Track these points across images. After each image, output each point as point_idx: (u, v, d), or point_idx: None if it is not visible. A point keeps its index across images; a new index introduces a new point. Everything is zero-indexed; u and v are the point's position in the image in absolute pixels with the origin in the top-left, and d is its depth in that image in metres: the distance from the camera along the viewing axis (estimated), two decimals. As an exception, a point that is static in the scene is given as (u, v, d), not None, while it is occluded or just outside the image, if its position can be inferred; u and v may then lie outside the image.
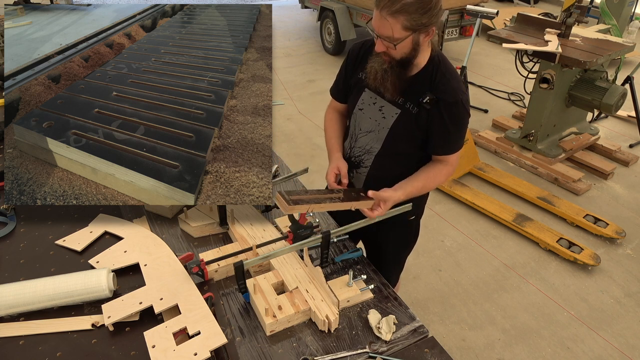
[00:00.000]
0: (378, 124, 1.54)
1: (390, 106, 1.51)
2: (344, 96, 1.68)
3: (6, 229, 1.66)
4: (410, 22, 1.29)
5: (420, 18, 1.29)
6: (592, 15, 6.03)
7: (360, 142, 1.62)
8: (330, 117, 1.75)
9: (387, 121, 1.52)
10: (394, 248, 1.84)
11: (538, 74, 3.67)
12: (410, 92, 1.46)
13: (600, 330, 2.51)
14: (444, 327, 2.52)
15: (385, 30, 1.32)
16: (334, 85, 1.71)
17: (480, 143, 4.14)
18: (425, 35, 1.35)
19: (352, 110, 1.62)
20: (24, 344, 1.26)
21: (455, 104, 1.43)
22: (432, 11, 1.30)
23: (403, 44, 1.34)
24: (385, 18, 1.30)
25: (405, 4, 1.26)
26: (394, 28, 1.30)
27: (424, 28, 1.32)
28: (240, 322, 1.32)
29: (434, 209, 3.41)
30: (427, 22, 1.31)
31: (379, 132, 1.55)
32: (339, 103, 1.72)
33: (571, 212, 3.24)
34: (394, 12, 1.28)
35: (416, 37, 1.34)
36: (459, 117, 1.46)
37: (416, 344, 1.26)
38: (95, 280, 1.35)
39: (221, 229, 1.65)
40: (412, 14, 1.28)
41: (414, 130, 1.49)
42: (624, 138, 4.30)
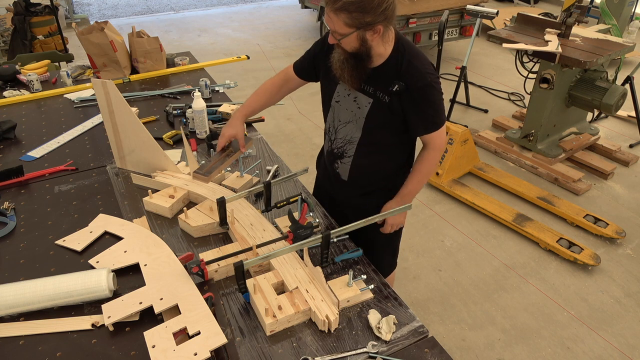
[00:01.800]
0: (355, 114, 1.61)
1: (363, 96, 1.57)
2: (305, 73, 1.76)
3: (6, 229, 1.66)
4: (351, 20, 1.35)
5: (362, 17, 1.35)
6: (592, 15, 6.04)
7: (340, 133, 1.69)
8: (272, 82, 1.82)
9: (362, 111, 1.59)
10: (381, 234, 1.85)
11: (538, 74, 3.67)
12: (380, 81, 1.52)
13: (600, 330, 2.51)
14: (444, 327, 2.52)
15: (330, 25, 1.40)
16: (300, 60, 1.77)
17: (480, 143, 4.14)
18: (373, 33, 1.39)
19: (328, 103, 1.70)
20: (24, 344, 1.26)
21: (424, 87, 1.48)
22: (375, 10, 1.34)
23: (348, 39, 1.40)
24: (328, 14, 1.38)
25: (346, 2, 1.33)
26: (337, 24, 1.38)
27: (369, 26, 1.37)
28: (240, 322, 1.32)
29: (434, 209, 3.41)
30: (371, 20, 1.36)
31: (357, 122, 1.62)
32: (294, 73, 1.78)
33: (571, 212, 3.24)
34: (335, 10, 1.35)
35: (361, 34, 1.39)
36: (431, 98, 1.51)
37: (416, 344, 1.26)
38: (95, 280, 1.35)
39: (221, 229, 1.65)
40: (353, 12, 1.34)
41: (389, 118, 1.56)
42: (624, 138, 4.30)
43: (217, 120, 2.40)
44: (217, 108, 2.45)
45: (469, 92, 4.85)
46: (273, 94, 1.82)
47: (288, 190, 1.91)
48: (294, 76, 1.79)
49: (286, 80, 1.81)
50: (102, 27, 2.87)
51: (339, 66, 1.51)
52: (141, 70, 2.97)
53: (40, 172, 1.98)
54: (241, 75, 5.56)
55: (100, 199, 1.83)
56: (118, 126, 1.90)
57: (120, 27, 6.59)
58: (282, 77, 1.82)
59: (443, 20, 3.40)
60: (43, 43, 4.91)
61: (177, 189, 1.79)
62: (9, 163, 2.03)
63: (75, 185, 1.92)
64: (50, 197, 1.84)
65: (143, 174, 1.93)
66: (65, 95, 2.70)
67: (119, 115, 1.86)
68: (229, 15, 8.27)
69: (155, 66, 2.98)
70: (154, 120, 2.43)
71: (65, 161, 2.07)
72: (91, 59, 2.92)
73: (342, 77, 1.53)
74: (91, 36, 2.81)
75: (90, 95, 2.66)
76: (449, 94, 4.51)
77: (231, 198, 1.66)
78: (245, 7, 8.88)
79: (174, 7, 8.95)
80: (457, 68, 4.34)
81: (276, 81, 1.82)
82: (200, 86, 2.60)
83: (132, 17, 8.26)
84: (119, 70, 2.94)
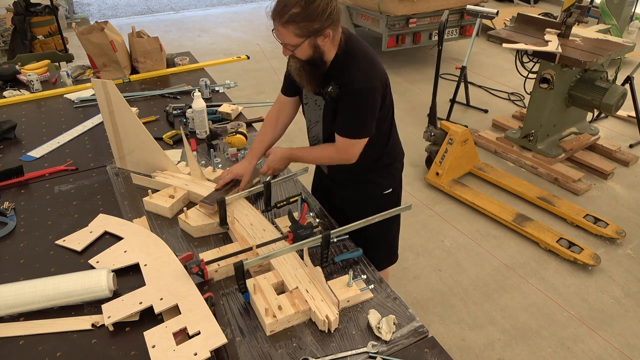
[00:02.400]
0: (318, 115, 1.70)
1: (319, 98, 1.65)
2: (290, 90, 1.78)
3: (6, 229, 1.66)
4: (301, 30, 1.40)
5: (310, 25, 1.39)
6: (592, 15, 6.03)
7: (312, 132, 1.79)
8: (269, 117, 1.86)
9: (320, 112, 1.67)
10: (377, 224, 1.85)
11: (538, 74, 3.67)
12: (325, 83, 1.56)
13: (600, 330, 2.51)
14: (444, 327, 2.52)
15: (281, 38, 1.45)
16: (283, 81, 1.81)
17: (480, 143, 4.14)
18: (324, 38, 1.43)
19: (302, 107, 1.79)
20: (24, 344, 1.26)
21: (352, 91, 1.51)
22: (321, 17, 1.38)
23: (301, 49, 1.44)
24: (277, 29, 1.42)
25: (292, 14, 1.37)
26: (287, 37, 1.43)
27: (318, 32, 1.41)
28: (240, 322, 1.32)
29: (434, 209, 3.41)
30: (319, 27, 1.40)
31: (320, 122, 1.71)
32: (285, 96, 1.81)
33: (571, 212, 3.24)
34: (283, 23, 1.40)
35: (312, 40, 1.43)
36: (354, 103, 1.53)
37: (416, 344, 1.26)
38: (95, 280, 1.35)
39: (221, 229, 1.65)
40: (300, 23, 1.38)
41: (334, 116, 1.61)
42: (624, 138, 4.30)
43: (217, 120, 2.40)
44: (217, 108, 2.45)
45: (469, 92, 4.85)
46: (275, 126, 1.84)
47: (288, 190, 1.91)
48: (285, 99, 1.81)
49: (280, 107, 1.83)
50: (102, 27, 2.87)
51: (297, 74, 1.55)
52: (141, 70, 2.97)
53: (40, 172, 1.98)
54: (241, 75, 5.56)
55: (100, 199, 1.83)
56: (118, 126, 1.90)
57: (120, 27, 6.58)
58: (277, 107, 1.84)
59: (443, 20, 3.40)
60: (43, 43, 4.91)
61: (177, 189, 1.79)
62: (9, 163, 2.03)
63: (75, 185, 1.92)
64: (50, 197, 1.84)
65: (143, 174, 1.93)
66: (65, 95, 2.70)
67: (119, 115, 1.86)
68: (229, 15, 8.27)
69: (155, 66, 2.99)
70: (154, 120, 2.43)
71: (65, 161, 2.07)
72: (91, 59, 2.93)
73: (301, 84, 1.58)
74: (91, 36, 2.81)
75: (90, 95, 2.66)
76: (449, 94, 4.51)
77: (231, 198, 1.66)
78: (245, 7, 8.88)
79: (174, 7, 8.95)
80: (457, 68, 4.34)
81: (272, 114, 1.85)
82: (200, 86, 2.60)
83: (132, 17, 8.26)
84: (119, 70, 2.94)
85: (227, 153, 2.13)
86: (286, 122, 1.85)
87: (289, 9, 1.36)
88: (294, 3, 1.36)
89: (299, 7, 1.36)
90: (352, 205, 1.85)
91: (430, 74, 5.08)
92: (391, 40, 5.24)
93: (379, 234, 1.93)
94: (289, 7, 1.36)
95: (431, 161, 3.68)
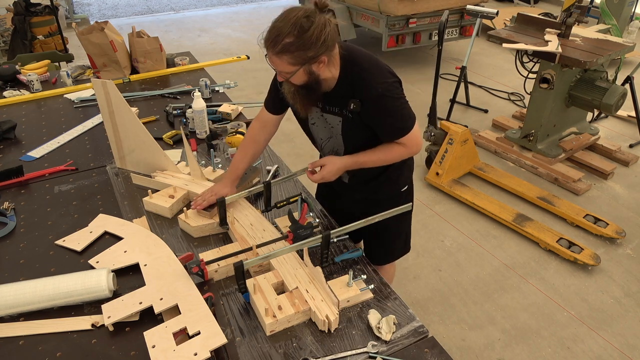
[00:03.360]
0: (331, 131, 1.66)
1: (332, 117, 1.60)
2: (278, 107, 1.73)
3: (6, 229, 1.66)
4: (295, 59, 1.37)
5: (305, 53, 1.36)
6: (592, 15, 6.03)
7: (327, 148, 1.73)
8: (250, 136, 1.79)
9: (337, 128, 1.62)
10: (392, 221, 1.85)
11: (538, 74, 3.67)
12: (339, 101, 1.54)
13: (600, 330, 2.51)
14: (444, 327, 2.52)
15: (275, 66, 1.42)
16: (268, 97, 1.74)
17: (480, 143, 4.14)
18: (319, 64, 1.41)
19: (307, 126, 1.72)
20: (24, 344, 1.26)
21: (377, 98, 1.48)
22: (315, 45, 1.35)
23: (296, 75, 1.41)
24: (271, 58, 1.39)
25: (285, 44, 1.33)
26: (281, 66, 1.40)
27: (312, 60, 1.38)
28: (240, 322, 1.32)
29: (434, 209, 3.41)
30: (314, 54, 1.37)
31: (337, 137, 1.65)
32: (270, 114, 1.75)
33: (571, 212, 3.24)
34: (277, 53, 1.36)
35: (307, 68, 1.40)
36: (387, 108, 1.51)
37: (416, 344, 1.26)
38: (95, 280, 1.35)
39: (221, 229, 1.65)
40: (294, 52, 1.35)
41: (362, 128, 1.57)
42: (624, 138, 4.30)
43: (217, 120, 2.40)
44: (217, 108, 2.45)
45: (469, 92, 4.85)
46: (256, 145, 1.78)
47: (288, 190, 1.91)
48: (270, 117, 1.75)
49: (262, 125, 1.77)
50: (102, 27, 2.87)
51: (290, 97, 1.51)
52: (141, 70, 2.97)
53: (40, 172, 1.98)
54: (241, 75, 5.56)
55: (100, 199, 1.83)
56: (118, 126, 1.90)
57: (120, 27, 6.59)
58: (258, 125, 1.78)
59: (443, 20, 3.40)
60: (43, 43, 4.91)
61: (177, 189, 1.79)
62: (9, 163, 2.03)
63: (75, 185, 1.92)
64: (50, 197, 1.84)
65: (143, 174, 1.93)
66: (65, 95, 2.70)
67: (119, 115, 1.86)
68: (229, 15, 8.27)
69: (155, 66, 2.99)
70: (154, 120, 2.43)
71: (65, 161, 2.07)
72: (91, 59, 2.93)
73: (294, 105, 1.54)
74: (91, 36, 2.81)
75: (90, 95, 2.66)
76: (449, 94, 4.51)
77: (231, 198, 1.66)
78: (245, 7, 8.88)
79: (174, 7, 8.95)
80: (457, 68, 4.34)
81: (254, 132, 1.78)
82: (200, 86, 2.60)
83: (132, 17, 8.26)
84: (119, 70, 2.94)
85: (227, 153, 2.13)
86: (267, 139, 1.80)
87: (282, 38, 1.33)
88: (286, 33, 1.32)
89: (292, 37, 1.33)
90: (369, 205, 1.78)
91: (430, 74, 5.08)
92: (391, 40, 5.24)
93: (398, 227, 1.93)
94: (282, 37, 1.33)
95: (431, 161, 3.68)
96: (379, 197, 1.81)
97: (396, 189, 1.82)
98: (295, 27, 1.32)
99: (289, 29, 1.33)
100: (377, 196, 1.81)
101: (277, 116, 1.76)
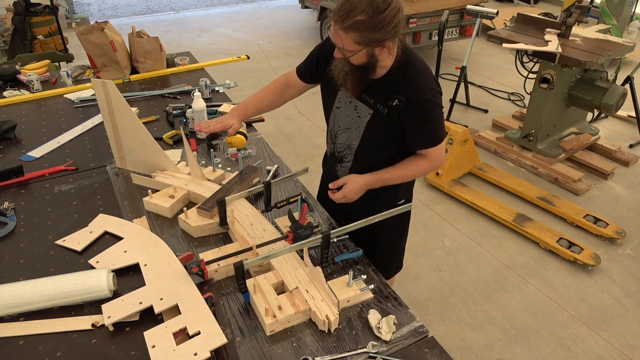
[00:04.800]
0: (354, 122, 1.60)
1: (364, 106, 1.56)
2: (308, 76, 1.72)
3: (6, 229, 1.66)
4: (361, 38, 1.33)
5: (373, 35, 1.32)
6: (592, 15, 6.03)
7: (340, 138, 1.68)
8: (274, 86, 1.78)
9: (362, 120, 1.58)
10: (387, 234, 1.85)
11: (538, 74, 3.67)
12: (381, 93, 1.50)
13: (600, 330, 2.51)
14: (444, 327, 2.52)
15: (338, 42, 1.37)
16: (302, 63, 1.73)
17: (480, 143, 4.14)
18: (382, 48, 1.38)
19: (330, 108, 1.68)
20: (24, 344, 1.26)
21: (424, 102, 1.46)
22: (386, 28, 1.32)
23: (357, 55, 1.38)
24: (337, 31, 1.34)
25: (357, 21, 1.29)
26: (346, 42, 1.35)
27: (378, 43, 1.35)
28: (240, 322, 1.32)
29: (434, 209, 3.41)
30: (380, 37, 1.33)
31: (356, 130, 1.60)
32: (299, 80, 1.74)
33: (571, 212, 3.24)
34: (345, 28, 1.32)
35: (370, 50, 1.37)
36: (431, 114, 1.49)
37: (416, 344, 1.26)
38: (95, 280, 1.35)
39: (221, 229, 1.65)
40: (363, 32, 1.31)
41: (387, 129, 1.54)
42: (624, 138, 4.30)
43: (217, 120, 2.40)
44: (217, 108, 2.45)
45: (469, 92, 4.85)
46: (275, 97, 1.79)
47: (288, 190, 1.91)
48: (297, 81, 1.75)
49: (287, 85, 1.78)
50: (102, 27, 2.87)
51: (342, 77, 1.48)
52: (141, 70, 2.97)
53: (40, 172, 1.98)
54: (241, 75, 5.56)
55: (100, 199, 1.83)
56: (118, 126, 1.90)
57: (120, 27, 6.59)
58: (284, 81, 1.79)
59: (443, 20, 3.40)
60: (43, 43, 4.91)
61: (177, 189, 1.79)
62: (9, 163, 2.02)
63: (75, 185, 1.91)
64: (50, 197, 1.84)
65: (143, 174, 1.93)
66: (65, 95, 2.70)
67: (119, 115, 1.86)
68: (229, 15, 8.27)
69: (155, 66, 2.98)
70: (154, 120, 2.43)
71: (65, 161, 2.07)
72: (91, 59, 2.93)
73: (344, 86, 1.51)
74: (91, 36, 2.81)
75: (90, 95, 2.66)
76: (449, 94, 4.51)
77: (231, 198, 1.66)
78: (245, 7, 8.88)
79: (174, 7, 8.95)
80: (457, 68, 4.34)
81: (278, 85, 1.79)
82: (200, 86, 2.60)
83: (132, 17, 8.26)
84: (119, 70, 2.94)
85: (227, 153, 2.13)
86: (287, 99, 1.79)
87: (355, 14, 1.28)
88: (361, 9, 1.27)
89: (365, 15, 1.28)
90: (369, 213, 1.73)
91: (430, 74, 5.08)
92: (391, 40, 5.24)
93: (390, 242, 1.92)
94: (355, 13, 1.28)
95: (431, 161, 3.67)
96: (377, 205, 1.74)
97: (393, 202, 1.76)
98: (371, 5, 1.28)
99: (364, 6, 1.28)
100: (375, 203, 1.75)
101: (305, 84, 1.75)
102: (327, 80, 1.61)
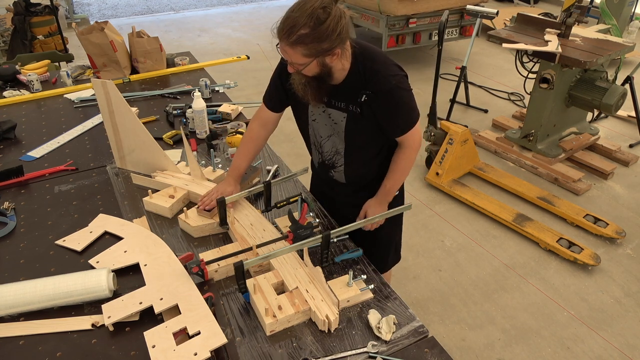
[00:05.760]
0: (333, 129, 1.64)
1: (336, 112, 1.58)
2: (279, 103, 1.72)
3: (6, 229, 1.66)
4: (309, 50, 1.35)
5: (319, 45, 1.34)
6: (592, 15, 6.03)
7: (325, 147, 1.71)
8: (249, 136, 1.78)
9: (340, 125, 1.61)
10: (386, 230, 1.85)
11: (538, 74, 3.67)
12: (348, 96, 1.53)
13: (600, 330, 2.51)
14: (444, 327, 2.52)
15: (287, 57, 1.40)
16: (267, 94, 1.72)
17: (480, 143, 4.14)
18: (332, 56, 1.39)
19: (306, 123, 1.70)
20: (24, 344, 1.26)
21: (391, 90, 1.49)
22: (330, 37, 1.33)
23: (309, 67, 1.40)
24: (283, 48, 1.37)
25: (300, 35, 1.31)
26: (294, 57, 1.37)
27: (326, 52, 1.37)
28: (240, 322, 1.32)
29: (434, 209, 3.41)
30: (328, 47, 1.35)
31: (338, 135, 1.64)
32: (269, 111, 1.74)
33: (571, 212, 3.24)
34: (291, 44, 1.33)
35: (320, 60, 1.39)
36: (400, 99, 1.52)
37: (416, 344, 1.26)
38: (95, 280, 1.35)
39: (221, 229, 1.65)
40: (309, 44, 1.33)
41: (367, 125, 1.57)
42: (624, 138, 4.30)
43: (217, 120, 2.40)
44: (217, 108, 2.45)
45: (469, 92, 4.85)
46: (258, 143, 1.78)
47: (288, 190, 1.91)
48: (270, 115, 1.74)
49: (263, 125, 1.76)
50: (102, 27, 2.87)
51: (301, 89, 1.49)
52: (141, 70, 2.97)
53: (40, 172, 1.98)
54: (241, 75, 5.56)
55: (100, 199, 1.83)
56: (118, 126, 1.90)
57: (120, 27, 6.59)
58: (258, 124, 1.77)
59: (443, 20, 3.40)
60: (43, 43, 4.90)
61: (177, 189, 1.79)
62: (9, 163, 2.02)
63: (75, 185, 1.92)
64: (50, 197, 1.84)
65: (143, 174, 1.93)
66: (65, 95, 2.70)
67: (119, 115, 1.86)
68: (229, 15, 8.27)
69: (155, 66, 2.99)
70: (154, 120, 2.43)
71: (65, 161, 2.07)
72: (91, 59, 2.93)
73: (304, 97, 1.52)
74: (91, 36, 2.81)
75: (90, 95, 2.66)
76: (449, 93, 4.51)
77: (231, 198, 1.66)
78: (245, 7, 8.88)
79: (174, 7, 8.95)
80: (457, 68, 4.34)
81: (254, 131, 1.77)
82: (200, 86, 2.60)
83: (132, 17, 8.26)
84: (119, 70, 2.94)
85: (227, 153, 2.13)
86: (266, 137, 1.80)
87: (297, 29, 1.30)
88: (302, 24, 1.29)
89: (307, 28, 1.29)
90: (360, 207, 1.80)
91: (430, 74, 5.08)
92: (391, 40, 5.25)
93: (390, 237, 1.94)
94: (298, 28, 1.30)
95: (431, 161, 3.68)
96: None
97: None
98: (312, 18, 1.29)
99: (305, 20, 1.29)
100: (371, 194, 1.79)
101: (277, 114, 1.75)
102: (296, 97, 1.60)
